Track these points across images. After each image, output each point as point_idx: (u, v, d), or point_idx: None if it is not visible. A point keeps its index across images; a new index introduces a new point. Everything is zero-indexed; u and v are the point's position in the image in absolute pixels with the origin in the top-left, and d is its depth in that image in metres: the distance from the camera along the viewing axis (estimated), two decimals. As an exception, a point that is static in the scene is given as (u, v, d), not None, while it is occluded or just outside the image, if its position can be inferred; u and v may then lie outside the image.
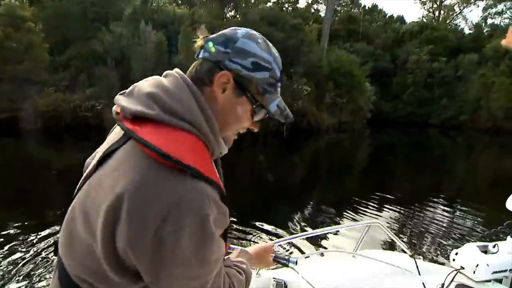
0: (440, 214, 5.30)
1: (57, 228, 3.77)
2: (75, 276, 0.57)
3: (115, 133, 0.63)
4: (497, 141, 17.37)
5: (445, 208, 5.64)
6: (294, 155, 11.12)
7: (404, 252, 1.61)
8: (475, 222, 4.96)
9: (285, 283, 1.39)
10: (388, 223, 4.66)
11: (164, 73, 0.63)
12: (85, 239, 0.55)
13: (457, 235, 4.30)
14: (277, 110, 0.69)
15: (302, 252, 3.25)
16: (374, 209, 5.30)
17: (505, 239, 1.62)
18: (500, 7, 26.35)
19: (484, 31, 25.80)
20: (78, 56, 15.40)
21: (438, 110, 21.29)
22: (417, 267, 1.45)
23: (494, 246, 1.57)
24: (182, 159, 0.51)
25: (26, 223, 3.97)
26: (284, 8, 24.23)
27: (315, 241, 3.70)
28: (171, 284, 0.54)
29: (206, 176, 0.53)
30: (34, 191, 5.79)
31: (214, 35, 0.64)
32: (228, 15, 20.41)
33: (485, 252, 1.56)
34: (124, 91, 0.62)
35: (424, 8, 31.42)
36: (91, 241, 0.54)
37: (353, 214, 5.02)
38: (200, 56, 0.64)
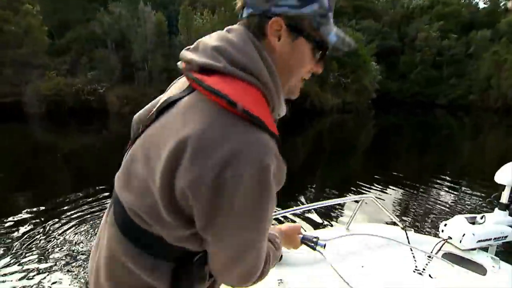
0: (441, 191, 5.32)
1: (64, 208, 3.86)
2: (130, 210, 0.59)
3: (176, 87, 0.63)
4: (506, 121, 16.95)
5: (446, 186, 5.65)
6: (297, 136, 11.05)
7: (396, 224, 1.67)
8: (476, 197, 4.97)
9: None
10: (387, 199, 4.69)
11: (227, 28, 0.62)
12: (143, 178, 0.57)
13: (454, 210, 4.33)
14: (337, 40, 0.66)
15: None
16: (376, 187, 5.32)
17: (493, 211, 1.69)
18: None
19: (501, 4, 24.55)
20: (78, 39, 15.29)
21: (447, 90, 20.75)
22: (407, 238, 1.51)
23: (481, 218, 1.63)
24: (249, 108, 0.52)
25: (32, 206, 4.05)
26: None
27: (310, 216, 3.74)
28: (222, 232, 0.54)
29: (270, 129, 0.54)
30: (39, 174, 5.92)
31: None
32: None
33: (473, 223, 1.61)
34: (189, 47, 0.62)
35: (436, -19, 29.77)
36: (150, 181, 0.55)
37: (355, 192, 5.04)
38: (244, 15, 0.61)
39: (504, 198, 1.67)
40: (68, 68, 14.28)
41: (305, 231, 1.03)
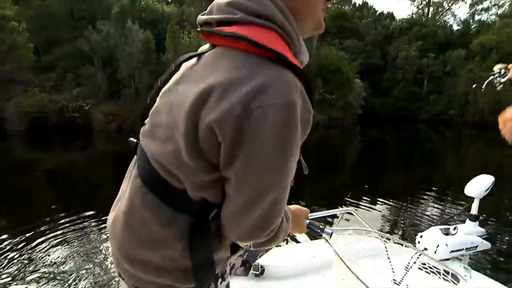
0: (422, 204, 5.44)
1: (46, 227, 3.73)
2: (153, 159, 0.61)
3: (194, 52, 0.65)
4: (484, 135, 17.64)
5: (428, 198, 5.78)
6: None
7: (376, 236, 1.71)
8: (454, 209, 5.09)
9: (262, 266, 1.44)
10: (371, 211, 4.78)
11: None
12: (167, 125, 0.59)
13: (433, 221, 4.41)
14: None
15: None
16: (362, 201, 5.38)
17: (465, 222, 1.78)
18: (486, 3, 26.83)
19: (472, 27, 26.08)
20: (64, 56, 15.21)
21: (428, 106, 21.52)
22: (386, 249, 1.55)
23: (454, 229, 1.72)
24: (274, 46, 0.54)
25: (13, 226, 3.90)
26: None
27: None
28: (246, 168, 0.54)
29: (296, 66, 0.55)
30: (19, 192, 5.72)
31: None
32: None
33: (447, 234, 1.69)
34: (204, 12, 0.64)
35: (413, 5, 31.56)
36: (174, 127, 0.58)
37: (342, 206, 5.09)
38: None
39: (474, 210, 1.76)
40: (53, 85, 14.11)
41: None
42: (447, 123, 20.48)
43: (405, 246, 1.50)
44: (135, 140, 0.70)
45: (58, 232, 3.64)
